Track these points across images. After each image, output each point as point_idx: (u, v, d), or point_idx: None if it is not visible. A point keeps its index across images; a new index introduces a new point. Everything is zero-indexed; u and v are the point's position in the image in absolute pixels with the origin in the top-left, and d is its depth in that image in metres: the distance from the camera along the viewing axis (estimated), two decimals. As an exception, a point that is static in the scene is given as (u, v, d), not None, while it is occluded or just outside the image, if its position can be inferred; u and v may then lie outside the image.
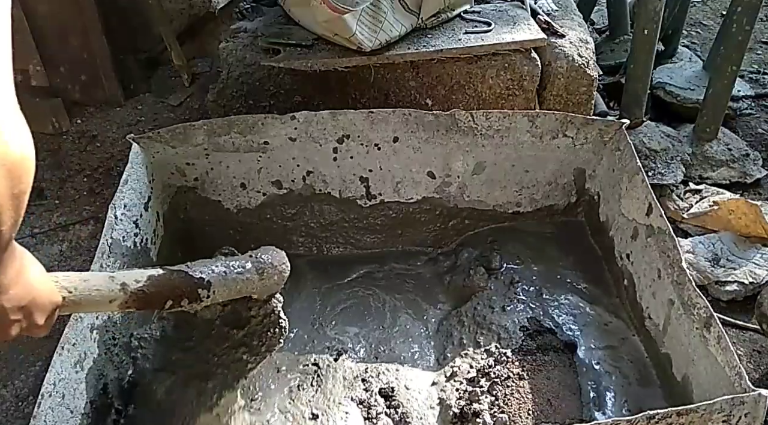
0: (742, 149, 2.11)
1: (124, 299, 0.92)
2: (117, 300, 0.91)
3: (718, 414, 1.02)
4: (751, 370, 1.52)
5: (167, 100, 2.40)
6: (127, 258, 1.41)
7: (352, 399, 1.37)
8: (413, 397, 1.37)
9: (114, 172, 2.09)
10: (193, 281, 1.00)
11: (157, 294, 0.95)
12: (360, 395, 1.38)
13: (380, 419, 1.33)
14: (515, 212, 1.76)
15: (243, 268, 1.06)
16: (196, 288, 0.99)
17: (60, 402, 1.11)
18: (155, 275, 0.96)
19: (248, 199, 1.71)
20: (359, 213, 1.73)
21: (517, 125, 1.62)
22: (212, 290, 1.01)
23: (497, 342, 1.44)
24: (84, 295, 0.88)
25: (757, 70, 2.67)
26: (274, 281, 1.11)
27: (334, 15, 1.65)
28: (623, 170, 1.55)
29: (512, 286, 1.58)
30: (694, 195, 1.97)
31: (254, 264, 1.08)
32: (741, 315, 1.65)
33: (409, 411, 1.34)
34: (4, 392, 1.50)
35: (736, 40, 1.96)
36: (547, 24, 1.87)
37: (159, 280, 0.96)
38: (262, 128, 1.60)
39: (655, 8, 1.95)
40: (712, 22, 3.03)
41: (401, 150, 1.65)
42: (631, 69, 2.07)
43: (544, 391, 1.35)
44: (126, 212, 1.44)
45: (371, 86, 1.81)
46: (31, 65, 2.21)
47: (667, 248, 1.35)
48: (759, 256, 1.73)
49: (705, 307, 1.20)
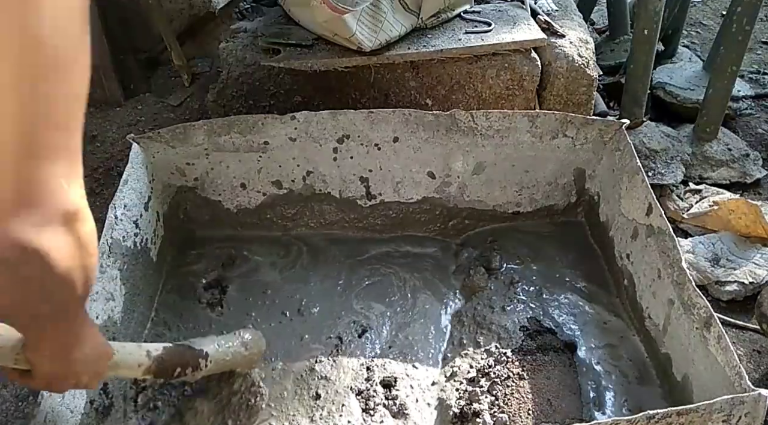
0: (742, 149, 2.11)
1: (148, 364, 1.06)
2: (143, 365, 1.06)
3: (718, 413, 1.02)
4: (751, 370, 1.52)
5: (167, 100, 2.40)
6: (127, 258, 1.41)
7: (351, 389, 1.38)
8: (414, 392, 1.37)
9: (114, 172, 2.09)
10: (195, 352, 1.16)
11: (170, 362, 1.11)
12: (360, 385, 1.39)
13: (377, 410, 1.33)
14: (515, 212, 1.76)
15: (231, 343, 1.24)
16: (198, 358, 1.16)
17: (60, 402, 1.11)
18: (168, 346, 1.12)
19: (248, 199, 1.71)
20: (359, 213, 1.73)
21: (517, 125, 1.62)
22: (209, 360, 1.17)
23: (497, 342, 1.44)
24: (122, 359, 1.02)
25: (757, 70, 2.67)
26: (254, 354, 1.29)
27: (334, 15, 1.65)
28: (623, 170, 1.55)
29: (512, 286, 1.58)
30: (694, 195, 1.97)
31: (239, 340, 1.26)
32: (741, 315, 1.65)
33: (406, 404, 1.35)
34: (4, 392, 1.50)
35: (736, 40, 1.96)
36: (547, 24, 1.87)
37: (171, 350, 1.12)
38: (262, 128, 1.61)
39: (655, 8, 1.95)
40: (712, 22, 3.03)
41: (401, 150, 1.65)
42: (631, 69, 2.07)
43: (544, 391, 1.36)
44: (126, 212, 1.44)
45: (371, 86, 1.81)
46: (31, 65, 2.20)
47: (667, 248, 1.35)
48: (759, 256, 1.73)
49: (705, 307, 1.20)
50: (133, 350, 1.08)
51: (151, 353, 1.08)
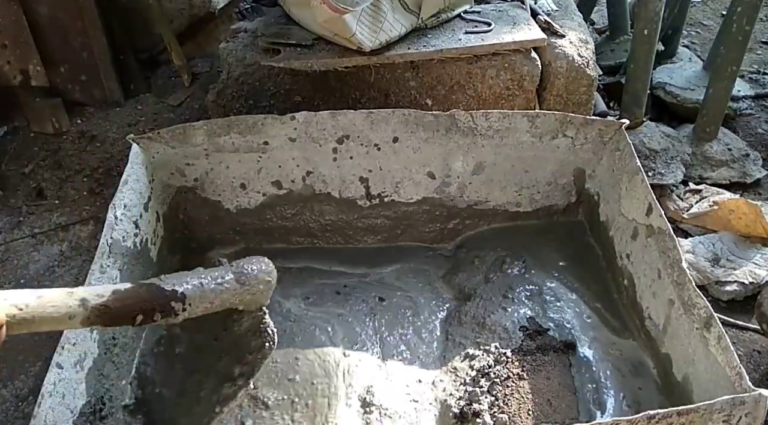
0: (742, 149, 2.11)
1: (84, 315, 0.87)
2: (77, 316, 0.87)
3: (718, 414, 1.02)
4: (751, 370, 1.52)
5: (167, 100, 2.40)
6: (127, 258, 1.41)
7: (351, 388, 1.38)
8: (414, 392, 1.37)
9: (114, 172, 2.09)
10: (164, 293, 0.95)
11: (123, 309, 0.91)
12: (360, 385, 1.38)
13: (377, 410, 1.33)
14: (515, 212, 1.76)
15: (222, 279, 1.02)
16: (168, 301, 0.95)
17: (60, 402, 1.11)
18: (121, 289, 0.92)
19: (248, 199, 1.71)
20: (359, 213, 1.73)
21: (517, 125, 1.62)
22: (188, 303, 0.97)
23: (497, 342, 1.44)
24: (38, 312, 0.83)
25: (757, 70, 2.67)
26: (259, 291, 1.07)
27: (334, 15, 1.65)
28: (623, 170, 1.55)
29: (512, 286, 1.58)
30: (694, 195, 1.97)
31: (235, 274, 1.04)
32: (741, 315, 1.65)
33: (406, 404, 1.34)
34: (4, 392, 1.50)
35: (736, 40, 1.96)
36: (547, 24, 1.87)
37: (125, 294, 0.92)
38: (262, 128, 1.60)
39: (655, 8, 1.95)
40: (712, 22, 3.03)
41: (401, 150, 1.65)
42: (631, 69, 2.07)
43: (543, 391, 1.36)
44: (126, 212, 1.44)
45: (371, 86, 1.81)
46: (31, 65, 2.21)
47: (667, 248, 1.35)
48: (759, 256, 1.73)
49: (705, 307, 1.20)
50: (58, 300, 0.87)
51: (87, 301, 0.88)
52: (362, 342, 1.49)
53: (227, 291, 1.02)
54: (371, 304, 1.58)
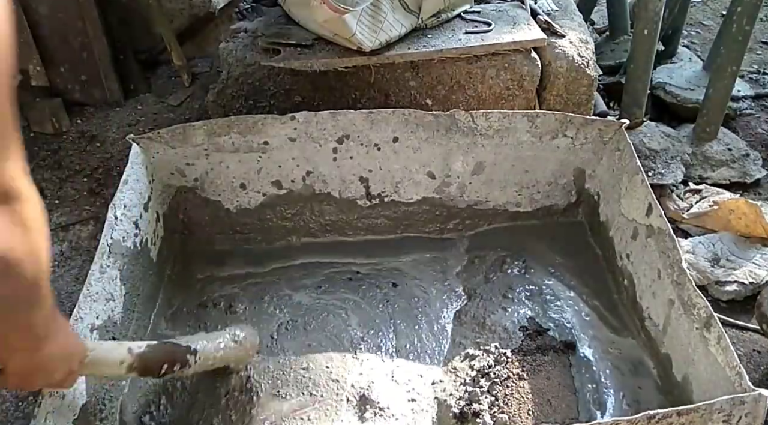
0: (742, 149, 2.11)
1: (130, 361, 1.06)
2: (125, 362, 1.06)
3: (718, 413, 1.02)
4: (751, 370, 1.52)
5: (167, 100, 2.39)
6: (127, 259, 1.41)
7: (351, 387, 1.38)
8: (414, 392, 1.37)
9: (114, 172, 2.09)
10: (182, 348, 1.16)
11: (156, 359, 1.11)
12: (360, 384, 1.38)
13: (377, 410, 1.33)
14: (515, 212, 1.76)
15: (221, 338, 1.26)
16: (186, 354, 1.16)
17: (60, 402, 1.11)
18: (152, 343, 1.13)
19: (248, 199, 1.71)
20: (359, 213, 1.73)
21: (517, 125, 1.62)
22: (198, 357, 1.18)
23: (497, 342, 1.44)
24: (101, 356, 1.02)
25: (757, 70, 2.67)
26: (246, 351, 1.31)
27: (334, 15, 1.65)
28: (623, 170, 1.55)
29: (512, 286, 1.58)
30: (694, 195, 1.97)
31: (230, 336, 1.28)
32: (741, 315, 1.65)
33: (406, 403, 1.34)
34: (4, 392, 1.50)
35: (736, 40, 1.96)
36: (547, 24, 1.87)
37: (156, 347, 1.12)
38: (262, 128, 1.60)
39: (655, 8, 1.95)
40: (712, 22, 3.03)
41: (401, 150, 1.65)
42: (631, 69, 2.07)
43: (543, 391, 1.36)
44: (126, 212, 1.44)
45: (371, 86, 1.81)
46: (31, 65, 2.21)
47: (667, 248, 1.35)
48: (759, 256, 1.73)
49: (705, 307, 1.20)
50: (113, 347, 1.08)
51: (133, 350, 1.07)
52: (360, 341, 1.48)
53: (225, 348, 1.26)
54: (371, 304, 1.58)
